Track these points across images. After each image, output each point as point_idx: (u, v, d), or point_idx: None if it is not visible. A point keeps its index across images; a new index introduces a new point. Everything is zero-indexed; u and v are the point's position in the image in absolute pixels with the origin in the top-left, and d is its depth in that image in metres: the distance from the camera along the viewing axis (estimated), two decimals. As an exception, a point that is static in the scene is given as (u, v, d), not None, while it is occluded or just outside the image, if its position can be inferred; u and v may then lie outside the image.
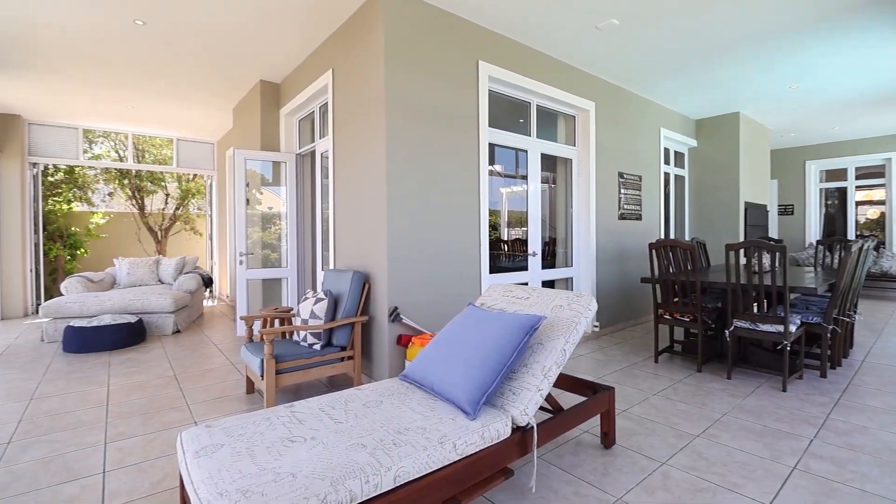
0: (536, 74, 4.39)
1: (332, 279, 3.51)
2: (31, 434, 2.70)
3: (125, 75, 5.11)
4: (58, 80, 5.27)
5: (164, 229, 9.86)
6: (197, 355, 4.41)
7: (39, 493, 2.08)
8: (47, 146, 7.10)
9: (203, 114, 6.69)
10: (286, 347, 3.08)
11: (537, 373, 1.91)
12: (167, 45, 4.33)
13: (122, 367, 4.05)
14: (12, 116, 6.61)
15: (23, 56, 4.57)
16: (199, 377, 3.73)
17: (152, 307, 5.22)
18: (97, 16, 3.74)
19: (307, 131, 5.30)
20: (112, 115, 6.76)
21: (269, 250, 5.44)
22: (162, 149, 9.49)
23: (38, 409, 3.08)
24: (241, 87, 5.52)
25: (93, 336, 4.51)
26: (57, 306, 4.99)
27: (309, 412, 1.80)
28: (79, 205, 9.14)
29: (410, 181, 3.37)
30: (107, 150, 9.38)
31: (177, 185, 10.26)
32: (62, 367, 4.08)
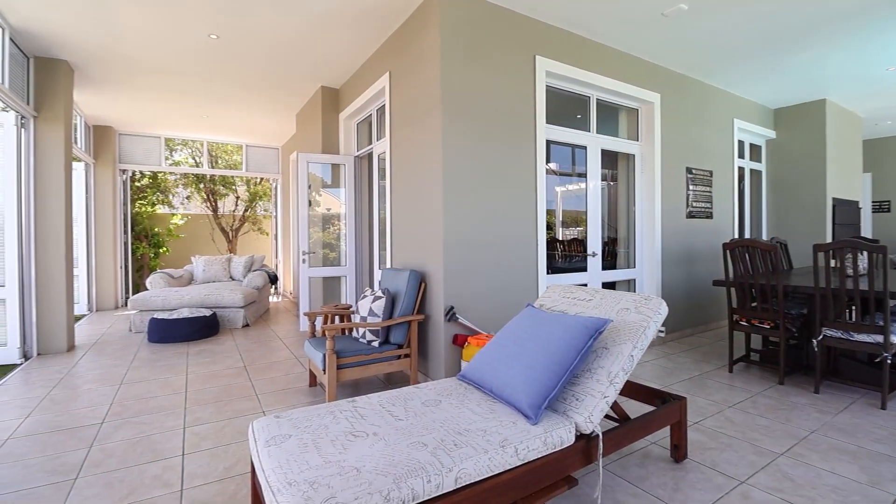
0: (596, 67, 4.22)
1: (389, 278, 3.58)
2: (121, 416, 2.97)
3: (200, 87, 5.52)
4: (144, 95, 5.79)
5: (234, 229, 10.55)
6: (264, 348, 4.67)
7: (128, 470, 2.28)
8: (134, 154, 7.83)
9: (269, 120, 7.07)
10: (346, 343, 3.17)
11: (602, 379, 1.82)
12: (237, 57, 4.61)
13: (199, 357, 4.36)
14: (106, 128, 7.35)
15: (116, 74, 5.06)
16: (266, 369, 3.94)
17: (224, 302, 5.60)
18: (177, 33, 4.05)
19: (365, 134, 5.44)
20: (189, 124, 7.32)
21: (328, 249, 5.64)
22: (233, 154, 10.15)
23: (126, 394, 3.38)
24: (304, 93, 5.77)
25: (173, 328, 4.90)
26: (143, 300, 5.47)
27: (370, 408, 1.83)
28: (161, 207, 10.00)
29: (466, 180, 3.35)
30: (185, 156, 10.19)
31: (246, 188, 10.94)
32: (147, 355, 4.47)
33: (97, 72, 5.00)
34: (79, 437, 2.65)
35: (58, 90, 4.63)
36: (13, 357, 4.25)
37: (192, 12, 3.70)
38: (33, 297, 4.43)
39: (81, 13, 3.73)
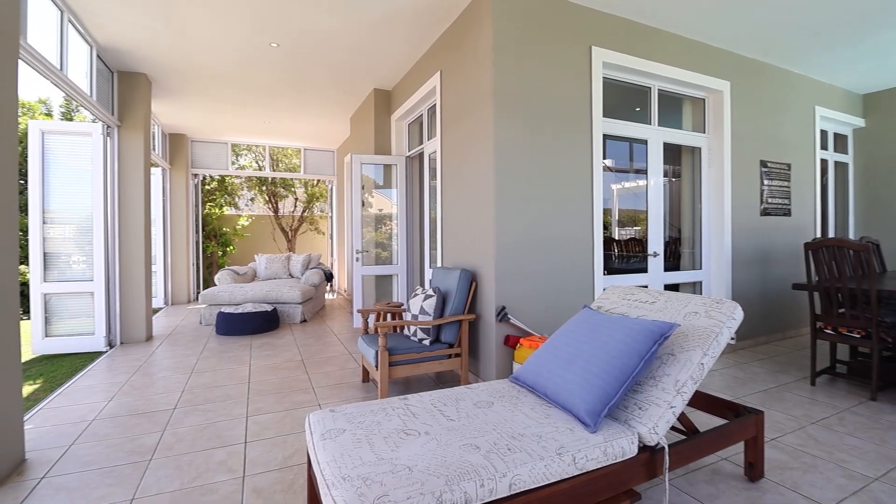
0: (658, 55, 3.98)
1: (439, 276, 3.57)
2: (191, 403, 3.18)
3: (262, 94, 5.81)
4: (212, 104, 6.19)
5: (293, 229, 11.07)
6: (320, 343, 4.84)
7: (196, 455, 2.42)
8: (204, 159, 8.40)
9: (325, 124, 7.33)
10: (398, 341, 3.20)
11: (668, 387, 1.70)
12: (296, 64, 4.80)
13: (261, 349, 4.59)
14: (180, 135, 7.94)
15: (188, 85, 5.45)
16: (322, 363, 4.07)
17: (284, 298, 5.87)
18: (241, 44, 4.28)
19: (416, 134, 5.49)
20: (253, 130, 7.75)
21: (379, 249, 5.75)
22: (292, 158, 10.66)
23: (196, 382, 3.62)
24: (358, 96, 5.92)
25: (238, 321, 5.20)
26: (211, 295, 5.86)
27: (422, 406, 1.82)
28: (228, 209, 10.68)
29: (519, 178, 3.28)
30: (249, 161, 10.83)
31: (304, 189, 11.44)
32: (215, 346, 4.76)
33: (172, 83, 5.40)
34: (154, 421, 2.86)
35: (138, 101, 5.05)
36: (100, 345, 4.68)
37: (255, 23, 3.89)
38: (117, 292, 4.86)
39: (159, 30, 4.03)
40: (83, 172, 4.70)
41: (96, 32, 4.11)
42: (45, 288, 4.58)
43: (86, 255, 4.71)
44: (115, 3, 3.61)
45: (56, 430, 2.76)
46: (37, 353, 4.56)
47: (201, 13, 3.73)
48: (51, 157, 4.64)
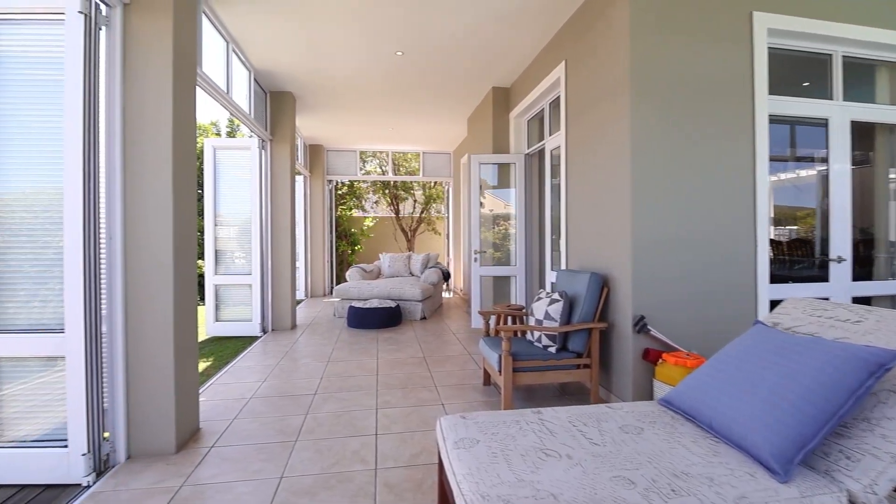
0: (843, 14, 3.22)
1: (565, 280, 3.35)
2: (328, 390, 3.44)
3: (387, 103, 6.14)
4: (344, 115, 6.73)
5: (412, 230, 11.62)
6: (440, 341, 4.93)
7: (333, 441, 2.59)
8: (337, 166, 9.21)
9: (442, 127, 7.52)
10: (522, 346, 3.07)
11: (892, 435, 1.30)
12: (418, 70, 4.96)
13: (386, 344, 4.84)
14: (317, 146, 8.82)
15: (324, 99, 5.99)
16: (442, 362, 4.13)
17: (406, 295, 6.14)
18: (370, 56, 4.54)
19: (535, 131, 5.29)
20: (377, 137, 8.28)
21: (492, 249, 5.66)
22: (411, 162, 11.17)
23: (332, 371, 3.92)
24: (476, 96, 5.92)
25: (366, 316, 5.56)
26: (343, 290, 6.37)
27: (559, 424, 1.67)
28: (356, 211, 11.62)
29: (660, 169, 2.90)
30: (374, 166, 11.64)
31: (422, 192, 11.93)
32: (347, 338, 5.15)
33: (312, 99, 5.99)
34: (298, 404, 3.15)
35: (285, 117, 5.70)
36: (255, 331, 5.38)
37: (383, 34, 4.09)
38: (269, 285, 5.54)
39: (302, 52, 4.47)
40: (243, 181, 5.45)
41: (253, 59, 4.71)
42: (216, 280, 5.42)
43: (245, 252, 5.45)
44: (268, 33, 4.09)
45: (222, 404, 3.19)
46: (209, 334, 5.41)
47: (336, 31, 4.04)
48: (220, 168, 5.47)
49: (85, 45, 2.17)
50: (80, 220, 2.17)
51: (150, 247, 2.46)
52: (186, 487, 2.14)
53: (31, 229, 2.24)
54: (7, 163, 2.21)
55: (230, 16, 3.81)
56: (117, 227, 2.41)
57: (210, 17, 3.75)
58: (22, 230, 2.24)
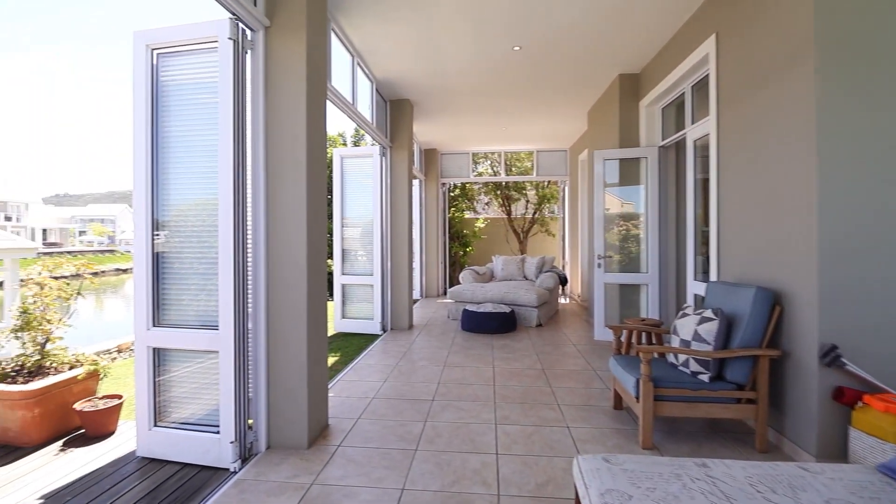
0: None
1: (719, 294, 2.82)
2: (445, 397, 3.38)
3: (500, 102, 5.96)
4: (457, 118, 6.73)
5: (524, 231, 11.30)
6: (558, 353, 4.61)
7: (453, 455, 2.49)
8: (450, 169, 9.32)
9: (558, 124, 7.11)
10: (665, 371, 2.65)
11: None
12: (535, 64, 4.69)
13: (501, 351, 4.68)
14: (432, 150, 9.01)
15: (439, 104, 6.04)
16: (563, 376, 3.82)
17: (521, 300, 5.91)
18: (485, 53, 4.40)
19: (672, 119, 4.67)
20: (490, 138, 8.16)
21: (611, 252, 5.13)
22: (524, 161, 10.87)
23: (449, 376, 3.87)
24: (598, 87, 5.44)
25: (480, 320, 5.46)
26: (457, 292, 6.37)
27: (736, 486, 1.32)
28: (468, 212, 11.68)
29: (862, 154, 2.25)
30: (485, 167, 11.59)
31: (535, 192, 11.55)
32: (461, 342, 5.11)
33: (428, 105, 6.08)
34: (417, 410, 3.14)
35: (404, 124, 5.86)
36: (376, 329, 5.62)
37: (500, 29, 3.92)
38: (389, 285, 5.76)
39: (421, 58, 4.52)
40: (366, 186, 5.73)
41: (376, 70, 4.90)
42: (343, 280, 5.79)
43: (367, 251, 5.73)
44: (389, 43, 4.20)
45: (347, 402, 3.32)
46: (336, 330, 5.80)
47: (453, 33, 3.98)
48: (346, 175, 5.84)
49: (234, 67, 2.37)
50: (231, 227, 2.38)
51: (287, 249, 2.62)
52: (316, 487, 2.21)
53: (198, 233, 2.52)
54: (180, 177, 2.53)
55: (356, 30, 3.99)
56: (261, 232, 2.61)
57: (338, 34, 3.96)
58: (192, 234, 2.53)
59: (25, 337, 3.07)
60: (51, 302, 3.18)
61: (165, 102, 2.52)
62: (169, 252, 2.56)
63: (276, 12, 2.60)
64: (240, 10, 2.38)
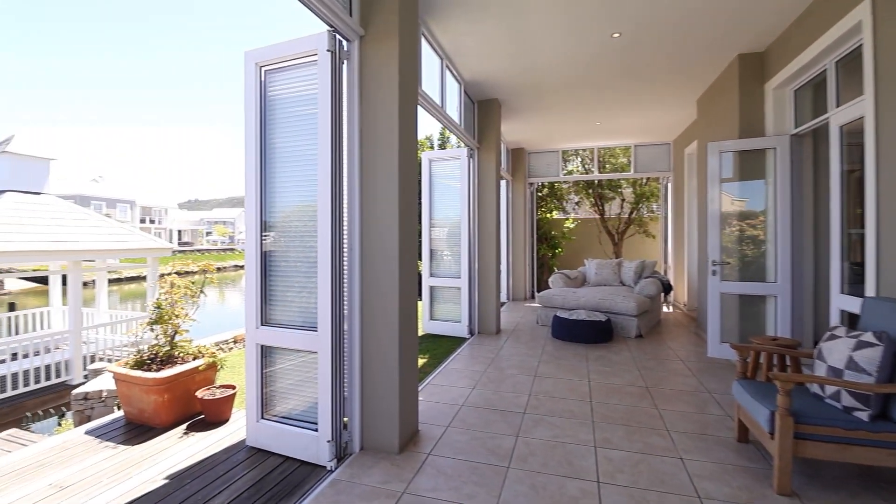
0: None
1: (882, 313, 2.29)
2: (537, 410, 3.19)
3: (595, 95, 5.58)
4: (547, 114, 6.44)
5: (619, 232, 10.56)
6: (664, 369, 4.16)
7: (548, 478, 2.31)
8: (538, 168, 9.01)
9: (659, 115, 6.49)
10: (806, 403, 2.22)
11: None
12: (636, 51, 4.29)
13: (597, 363, 4.35)
14: (519, 149, 8.78)
15: (527, 101, 5.82)
16: (672, 398, 3.42)
17: (618, 308, 5.47)
18: (580, 43, 4.11)
19: (807, 103, 3.98)
20: (581, 134, 7.72)
21: (730, 256, 4.48)
22: (619, 157, 10.16)
23: (540, 388, 3.67)
24: (711, 70, 4.83)
25: (572, 328, 5.16)
26: (547, 297, 6.10)
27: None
28: (557, 213, 11.22)
29: None
30: (576, 165, 11.04)
31: (631, 190, 10.74)
32: (552, 350, 4.85)
33: (516, 102, 5.89)
34: (508, 423, 3.00)
35: (491, 124, 5.74)
36: (463, 332, 5.57)
37: (597, 16, 3.63)
38: (476, 288, 5.68)
39: (511, 54, 4.37)
40: (453, 189, 5.71)
41: (464, 71, 4.84)
42: (431, 282, 5.83)
43: (454, 255, 5.71)
44: (479, 43, 4.11)
45: (436, 408, 3.28)
46: (425, 331, 5.85)
47: (545, 24, 3.77)
48: (434, 178, 5.87)
49: (332, 78, 2.44)
50: (329, 232, 2.45)
51: (379, 253, 2.64)
52: (407, 496, 2.18)
53: (300, 235, 2.64)
54: (286, 184, 2.68)
55: (445, 33, 3.96)
56: (356, 236, 2.66)
57: (427, 38, 3.96)
58: (296, 236, 2.66)
59: (158, 329, 3.48)
60: (179, 299, 3.57)
61: (272, 116, 2.68)
62: (275, 251, 2.72)
63: (370, 21, 2.64)
64: (337, 22, 2.43)
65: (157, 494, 2.28)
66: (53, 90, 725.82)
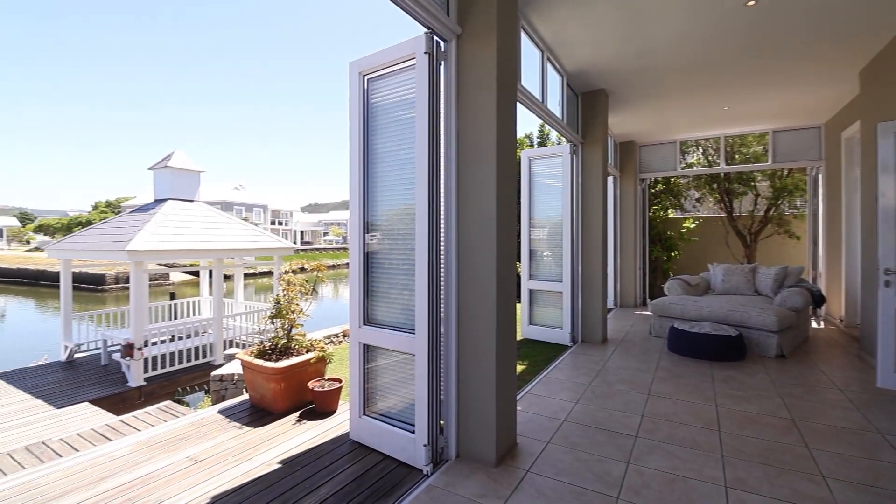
0: None
1: None
2: (652, 435, 2.84)
3: (722, 76, 4.86)
4: (662, 102, 5.79)
5: (752, 232, 9.17)
6: (816, 399, 3.45)
7: (667, 516, 2.01)
8: (651, 162, 8.22)
9: (805, 94, 5.47)
10: None
11: None
12: (778, 19, 3.62)
13: (725, 385, 3.77)
14: (629, 143, 8.09)
15: (640, 89, 5.29)
16: (828, 435, 2.81)
17: (752, 322, 4.70)
18: (709, 15, 3.58)
19: None
20: (704, 121, 6.83)
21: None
22: (752, 146, 8.83)
23: (655, 408, 3.28)
24: (881, 33, 3.90)
25: (693, 342, 4.56)
26: (662, 305, 5.49)
27: None
28: (673, 211, 10.14)
29: None
30: (697, 157, 9.85)
31: (768, 183, 9.27)
32: (668, 366, 4.33)
33: (626, 92, 5.40)
34: (617, 445, 2.71)
35: (597, 117, 5.34)
36: (565, 339, 5.26)
37: (737, -20, 3.12)
38: (580, 293, 5.33)
39: (622, 38, 3.99)
40: (554, 188, 5.43)
41: (567, 63, 4.55)
42: (531, 285, 5.62)
43: (555, 256, 5.42)
44: (585, 30, 3.81)
45: (536, 420, 3.10)
46: (523, 336, 5.65)
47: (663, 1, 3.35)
48: (534, 177, 5.64)
49: (429, 80, 2.41)
50: (426, 234, 2.43)
51: (477, 254, 2.56)
52: (503, 515, 2.05)
53: (400, 237, 2.67)
54: (386, 187, 2.73)
55: (546, 23, 3.74)
56: (452, 239, 2.61)
57: (527, 30, 3.78)
58: (396, 238, 2.70)
59: (277, 323, 3.81)
60: (294, 296, 3.88)
61: (374, 122, 2.75)
62: (376, 253, 2.79)
63: (468, 19, 2.56)
64: (434, 23, 2.40)
65: (271, 477, 2.46)
66: (204, 107, 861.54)
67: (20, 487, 2.48)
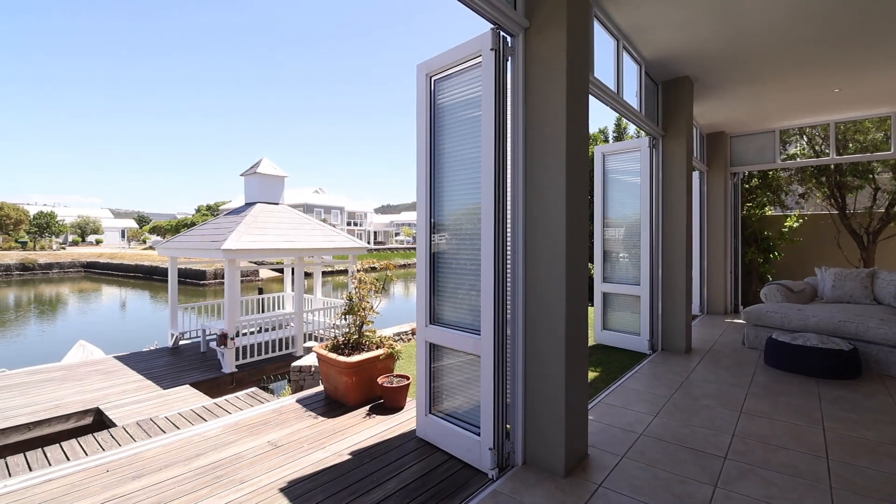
0: None
1: None
2: (744, 458, 2.55)
3: (829, 53, 4.23)
4: (757, 87, 5.19)
5: (871, 232, 7.96)
6: (957, 428, 2.90)
7: (763, 551, 1.78)
8: (745, 155, 7.44)
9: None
10: None
11: None
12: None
13: (836, 407, 3.29)
14: (717, 134, 7.38)
15: (730, 73, 4.78)
16: (975, 474, 2.34)
17: (870, 335, 4.06)
18: (825, -16, 3.14)
19: None
20: (809, 107, 6.03)
21: None
22: (870, 132, 7.68)
23: (747, 427, 2.95)
24: None
25: (796, 355, 4.04)
26: (757, 313, 4.94)
27: None
28: (771, 208, 9.11)
29: None
30: (800, 147, 8.75)
31: (890, 175, 8.00)
32: (765, 381, 3.89)
33: (714, 78, 4.92)
34: (701, 466, 2.47)
35: (680, 107, 4.92)
36: (643, 347, 4.92)
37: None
38: (659, 297, 4.96)
39: (711, 19, 3.63)
40: (630, 184, 5.10)
41: (645, 50, 4.24)
42: (604, 288, 5.34)
43: (632, 258, 5.09)
44: (668, 13, 3.52)
45: (609, 431, 2.92)
46: (596, 341, 5.38)
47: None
48: (609, 173, 5.35)
49: (496, 77, 2.36)
50: (493, 235, 2.39)
51: (545, 255, 2.47)
52: (572, 529, 1.95)
53: (466, 237, 2.65)
54: (453, 187, 2.73)
55: (622, 9, 3.52)
56: (519, 239, 2.54)
57: (600, 18, 3.58)
58: (463, 238, 2.69)
59: (349, 319, 3.97)
60: (366, 294, 4.02)
61: (440, 123, 2.75)
62: (443, 253, 2.80)
63: (536, 11, 2.48)
64: (500, 18, 2.35)
65: (342, 468, 2.56)
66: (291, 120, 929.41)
67: (130, 458, 2.82)
